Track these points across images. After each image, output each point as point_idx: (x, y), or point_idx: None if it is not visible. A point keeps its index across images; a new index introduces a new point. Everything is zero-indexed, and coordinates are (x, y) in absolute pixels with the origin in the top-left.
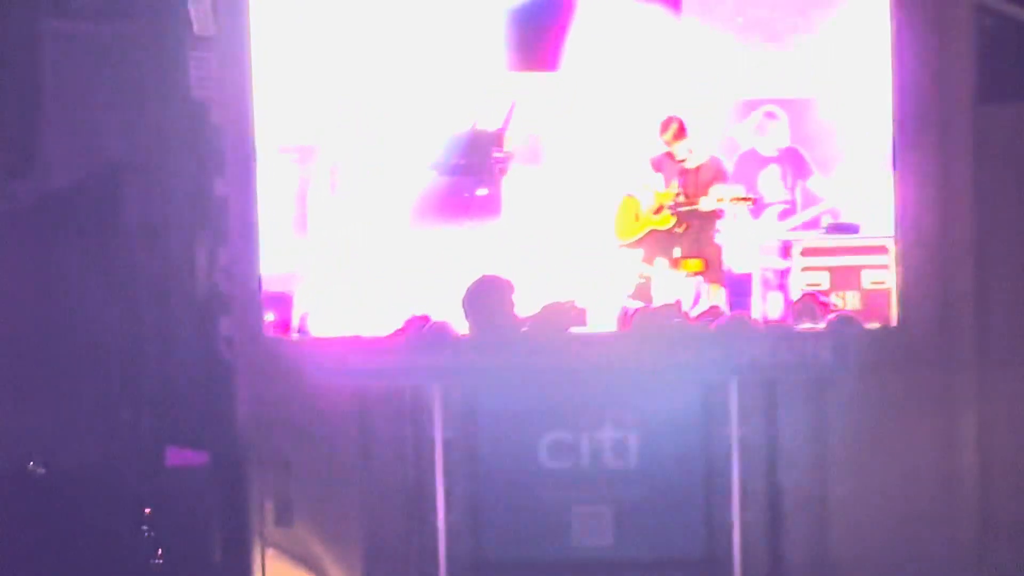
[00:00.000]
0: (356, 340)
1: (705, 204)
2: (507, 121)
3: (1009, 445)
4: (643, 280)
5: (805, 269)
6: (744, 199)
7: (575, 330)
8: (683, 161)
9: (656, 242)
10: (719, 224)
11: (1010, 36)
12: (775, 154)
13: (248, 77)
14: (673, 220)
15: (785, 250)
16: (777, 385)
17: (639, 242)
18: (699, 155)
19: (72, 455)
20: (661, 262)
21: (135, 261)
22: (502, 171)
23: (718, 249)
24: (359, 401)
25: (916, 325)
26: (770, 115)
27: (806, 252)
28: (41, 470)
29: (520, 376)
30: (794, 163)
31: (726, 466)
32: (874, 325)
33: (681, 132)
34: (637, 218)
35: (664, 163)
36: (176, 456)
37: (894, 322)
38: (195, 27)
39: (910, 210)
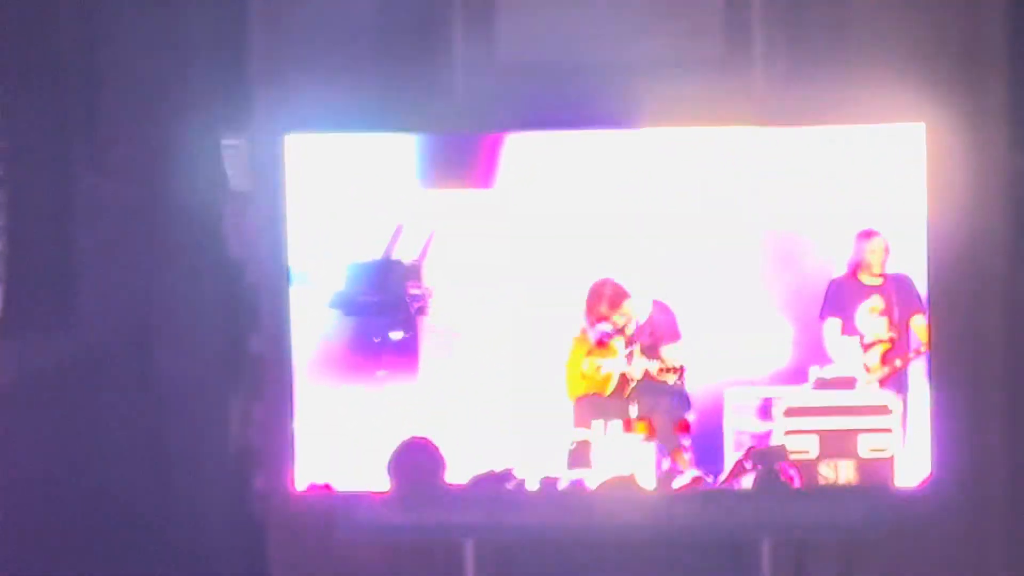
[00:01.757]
0: (388, 495)
1: (635, 370)
2: (425, 250)
3: None
4: (574, 447)
5: (789, 433)
6: (671, 370)
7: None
8: (623, 327)
9: (597, 404)
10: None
11: None
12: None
13: (284, 232)
14: (613, 384)
15: (765, 410)
16: (807, 545)
17: (580, 404)
18: (642, 310)
19: None
20: (605, 424)
21: (168, 418)
22: (421, 310)
23: (670, 412)
24: (391, 557)
25: (947, 488)
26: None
27: (790, 412)
28: None
29: (555, 535)
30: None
31: None
32: (906, 487)
33: (615, 306)
34: (583, 374)
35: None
36: None
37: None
38: (231, 183)
39: (943, 365)
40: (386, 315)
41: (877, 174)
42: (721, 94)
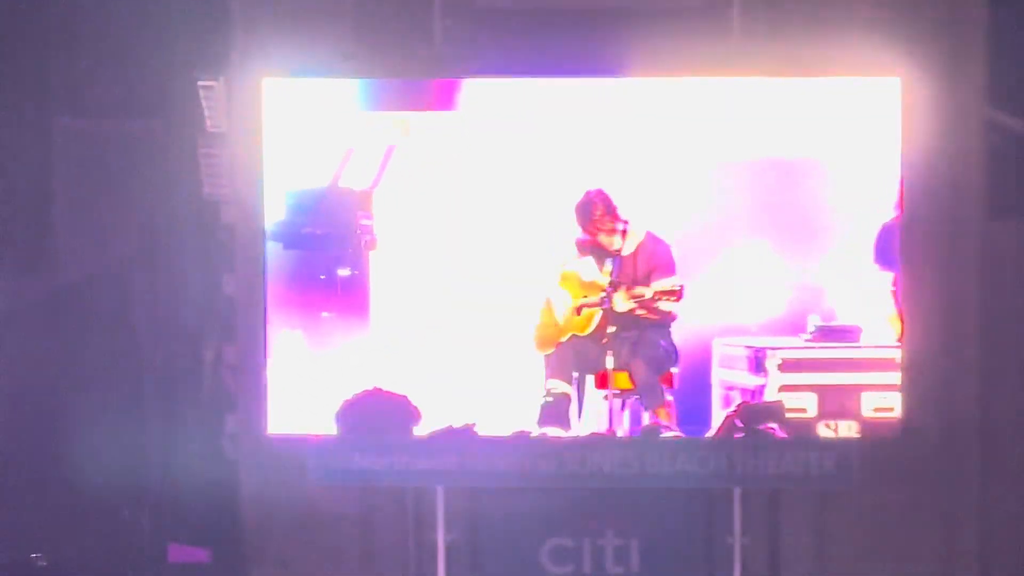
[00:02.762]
0: (361, 439)
1: (620, 304)
2: (379, 176)
3: (1009, 561)
4: (551, 400)
5: (784, 389)
6: (667, 292)
7: (585, 434)
8: (616, 250)
9: (575, 351)
10: (667, 326)
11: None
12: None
13: (260, 175)
14: (595, 322)
15: (757, 362)
16: (780, 495)
17: (556, 352)
18: (635, 236)
19: (75, 549)
20: (582, 377)
21: (142, 359)
22: (370, 244)
23: (657, 360)
24: (362, 502)
25: (919, 440)
26: None
27: (786, 366)
28: (43, 563)
29: (524, 480)
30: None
31: (728, 574)
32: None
33: (607, 216)
34: (558, 324)
35: (591, 247)
36: (178, 553)
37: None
38: (207, 124)
39: (915, 322)
40: (332, 249)
41: (852, 126)
42: (700, 43)
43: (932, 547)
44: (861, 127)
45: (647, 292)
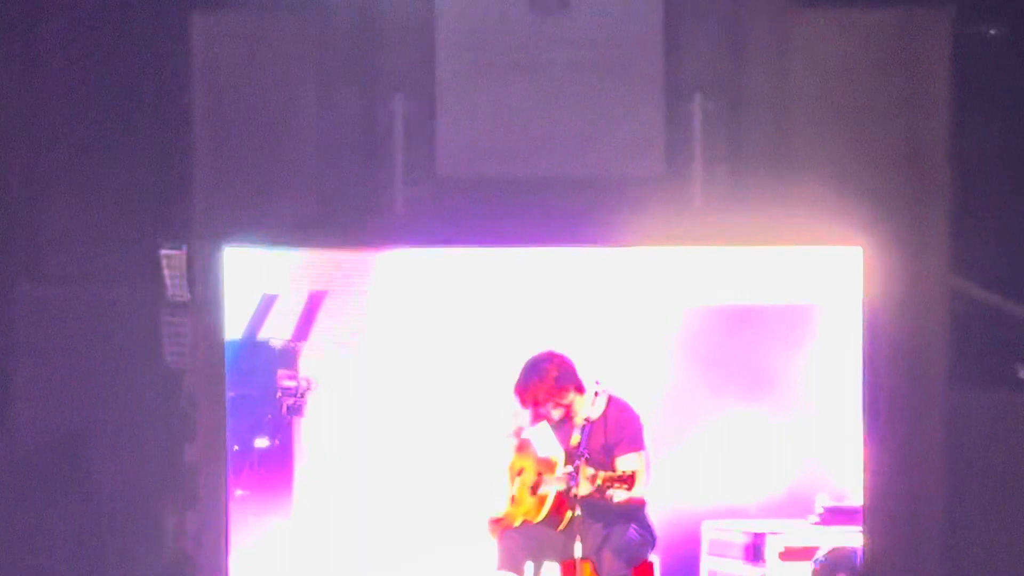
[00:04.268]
0: None
1: (581, 487)
2: (306, 327)
3: None
4: None
5: None
6: (615, 480)
7: None
8: (566, 417)
9: (528, 539)
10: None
11: (983, 323)
12: None
13: (222, 343)
14: (547, 507)
15: (755, 550)
16: None
17: (504, 540)
18: (601, 399)
19: None
20: (537, 569)
21: (102, 525)
22: (295, 408)
23: (628, 550)
24: None
25: None
26: None
27: (790, 554)
28: None
29: None
30: None
31: None
32: None
33: (561, 386)
34: (514, 502)
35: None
36: None
37: None
38: (169, 292)
39: (879, 487)
40: (248, 415)
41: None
42: (662, 212)
43: None
44: (825, 293)
45: (598, 478)
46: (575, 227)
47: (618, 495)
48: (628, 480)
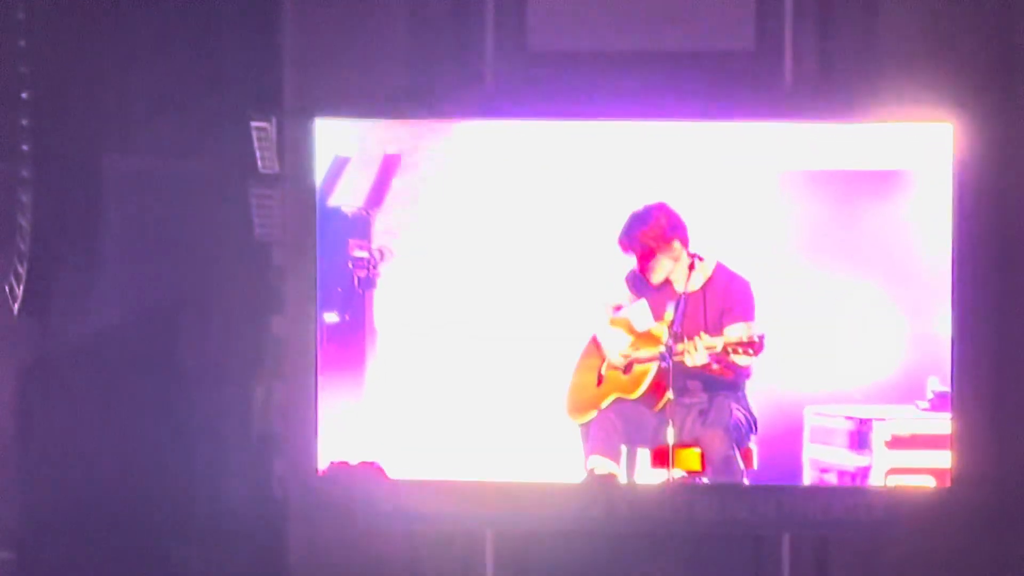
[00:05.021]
0: (410, 483)
1: (692, 357)
2: (380, 193)
3: None
4: (586, 482)
5: (894, 472)
6: (741, 343)
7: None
8: (666, 284)
9: (623, 419)
10: (741, 386)
11: None
12: None
13: (313, 215)
14: (647, 383)
15: (860, 437)
16: (829, 540)
17: (597, 421)
18: (700, 271)
19: None
20: (632, 453)
21: (191, 399)
22: (366, 282)
23: (735, 431)
24: (410, 544)
25: (971, 486)
26: None
27: (898, 443)
28: None
29: (574, 526)
30: None
31: None
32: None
33: (671, 237)
34: (600, 382)
35: (647, 287)
36: None
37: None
38: (259, 165)
39: (968, 361)
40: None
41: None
42: (751, 88)
43: None
44: (917, 168)
45: (718, 343)
46: (666, 101)
47: (742, 361)
48: (756, 344)
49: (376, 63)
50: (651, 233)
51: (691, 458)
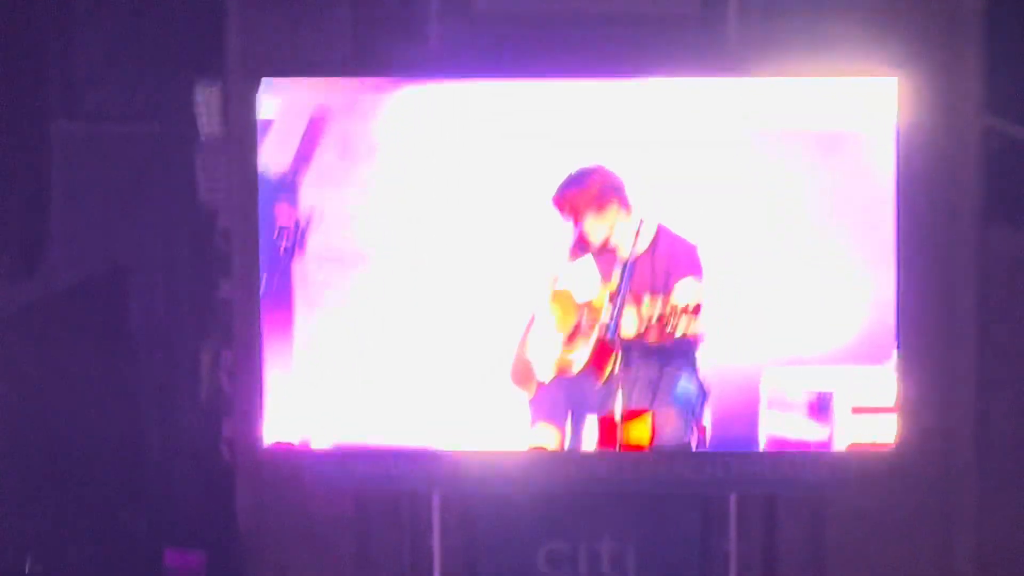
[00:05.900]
0: (356, 448)
1: (629, 325)
2: (306, 154)
3: (1008, 568)
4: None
5: (856, 446)
6: (679, 311)
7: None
8: (608, 251)
9: (567, 392)
10: (690, 353)
11: (1017, 160)
12: None
13: (256, 180)
14: (588, 356)
15: (821, 405)
16: (775, 500)
17: (540, 395)
18: (644, 234)
19: (71, 555)
20: (579, 418)
21: (139, 363)
22: (292, 249)
23: (687, 404)
24: (358, 507)
25: (916, 443)
26: None
27: (861, 411)
28: (37, 567)
29: (520, 488)
30: None
31: None
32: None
33: (610, 197)
34: (549, 350)
35: (590, 252)
36: (173, 557)
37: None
38: (203, 128)
39: (912, 323)
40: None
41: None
42: (696, 48)
43: (930, 554)
44: (860, 123)
45: (663, 307)
46: (610, 63)
47: (682, 326)
48: (694, 310)
49: (320, 24)
50: (586, 194)
51: (640, 429)
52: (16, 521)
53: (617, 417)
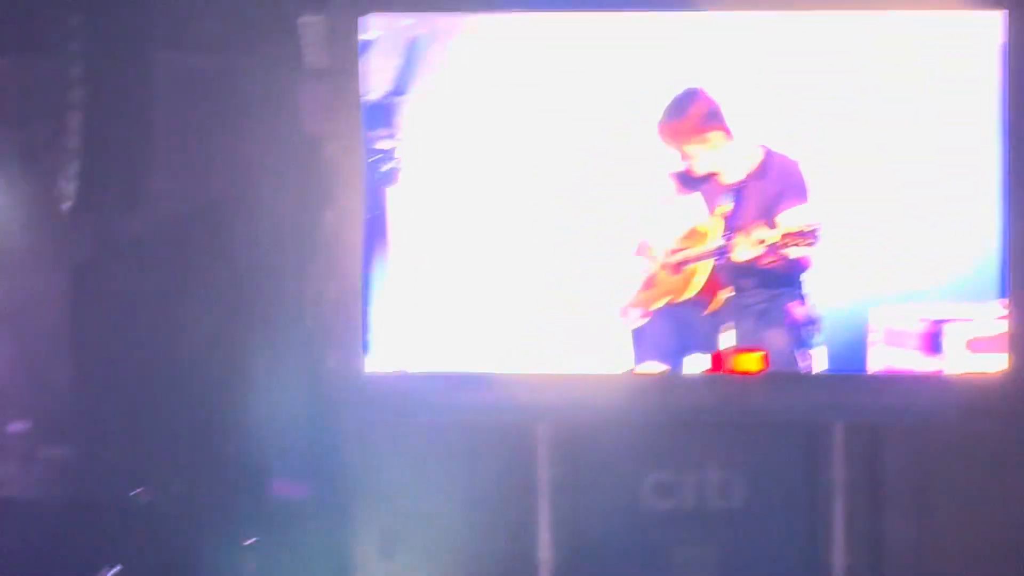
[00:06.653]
0: (461, 376)
1: (740, 251)
2: (406, 81)
3: None
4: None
5: (965, 375)
6: (797, 234)
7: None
8: (715, 175)
9: (675, 323)
10: (799, 280)
11: None
12: None
13: (359, 110)
14: (700, 282)
15: (934, 340)
16: (881, 429)
17: (647, 326)
18: (748, 157)
19: (176, 485)
20: (686, 357)
21: (243, 294)
22: (390, 175)
23: (799, 331)
24: (463, 437)
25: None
26: None
27: (977, 345)
28: (146, 498)
29: (626, 416)
30: None
31: (830, 509)
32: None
33: (713, 122)
34: (649, 284)
35: (695, 180)
36: (280, 488)
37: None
38: (307, 61)
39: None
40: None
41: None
42: None
43: None
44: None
45: (775, 234)
46: None
47: (795, 252)
48: (809, 234)
49: None
50: (687, 123)
51: (751, 361)
52: (122, 451)
53: (728, 348)
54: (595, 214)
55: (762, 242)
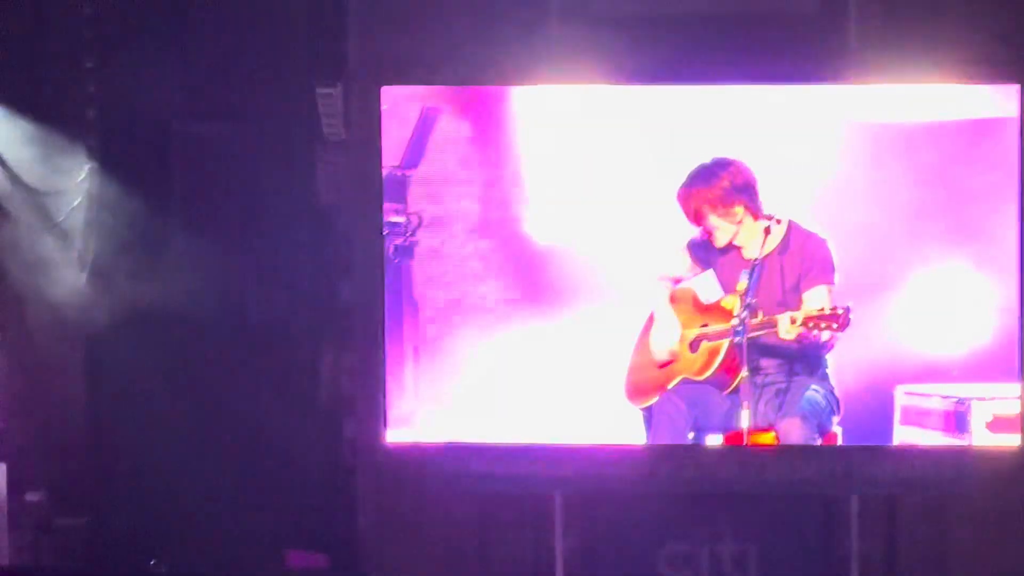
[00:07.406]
0: (478, 447)
1: (760, 330)
2: (418, 151)
3: None
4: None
5: (980, 448)
6: (825, 317)
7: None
8: (736, 249)
9: (689, 402)
10: (822, 360)
11: None
12: None
13: (379, 182)
14: (718, 361)
15: (958, 419)
16: (897, 501)
17: (660, 405)
18: (774, 233)
19: (195, 555)
20: (700, 439)
21: (259, 365)
22: (404, 250)
23: (816, 415)
24: (480, 507)
25: None
26: None
27: (999, 424)
28: (162, 569)
29: (641, 488)
30: None
31: None
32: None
33: (725, 201)
34: (664, 363)
35: (714, 254)
36: (296, 558)
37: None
38: (325, 131)
39: None
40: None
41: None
42: (816, 51)
43: None
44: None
45: (798, 315)
46: (730, 64)
47: (824, 337)
48: (839, 318)
49: (441, 29)
50: (710, 194)
51: (765, 439)
52: (141, 523)
53: (745, 428)
54: (611, 281)
55: (793, 322)
